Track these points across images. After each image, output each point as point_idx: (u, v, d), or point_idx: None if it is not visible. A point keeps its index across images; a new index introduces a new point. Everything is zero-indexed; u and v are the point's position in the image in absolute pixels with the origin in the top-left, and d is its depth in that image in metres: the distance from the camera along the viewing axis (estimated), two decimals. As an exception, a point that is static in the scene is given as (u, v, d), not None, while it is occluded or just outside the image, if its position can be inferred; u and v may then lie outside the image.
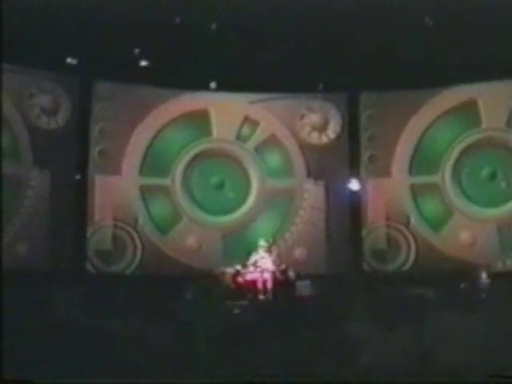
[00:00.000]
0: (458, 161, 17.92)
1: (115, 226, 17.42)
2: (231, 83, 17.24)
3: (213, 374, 5.43)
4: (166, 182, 17.99)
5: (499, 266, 16.71)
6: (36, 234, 16.28)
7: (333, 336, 6.14)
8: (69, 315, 6.05)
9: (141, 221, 17.66)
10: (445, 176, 17.95)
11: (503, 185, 17.44)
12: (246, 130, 18.31)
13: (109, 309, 6.71)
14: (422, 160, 18.09)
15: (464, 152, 17.87)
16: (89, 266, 17.01)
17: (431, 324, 6.15)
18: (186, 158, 18.06)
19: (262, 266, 15.36)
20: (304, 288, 15.01)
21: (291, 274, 15.51)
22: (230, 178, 18.28)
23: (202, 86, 17.59)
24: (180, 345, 5.97)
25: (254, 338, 6.16)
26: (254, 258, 15.56)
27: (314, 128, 18.40)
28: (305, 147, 18.35)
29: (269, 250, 15.78)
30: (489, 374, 5.26)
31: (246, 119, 18.28)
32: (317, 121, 18.38)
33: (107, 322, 5.78)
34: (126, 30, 15.05)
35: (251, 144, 18.34)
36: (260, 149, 18.37)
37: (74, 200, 16.99)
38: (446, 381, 5.38)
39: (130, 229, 17.52)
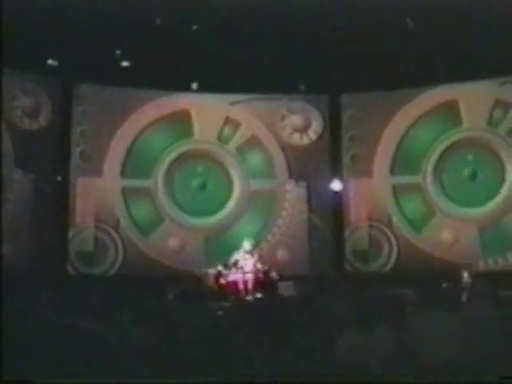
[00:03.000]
0: (439, 161, 17.98)
1: (97, 228, 17.38)
2: (212, 84, 17.24)
3: (196, 374, 5.42)
4: (148, 183, 17.97)
5: (481, 266, 16.79)
6: (18, 235, 16.21)
7: (315, 337, 6.14)
8: (51, 317, 6.01)
9: (122, 223, 17.63)
10: (426, 176, 18.02)
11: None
12: (227, 131, 18.32)
13: (91, 311, 6.68)
14: (404, 160, 18.16)
15: (445, 152, 17.94)
16: (70, 268, 16.97)
17: (413, 324, 6.16)
18: (168, 159, 18.05)
19: (244, 267, 15.37)
20: (286, 289, 15.02)
21: (273, 274, 15.52)
22: (211, 180, 18.29)
23: (184, 87, 17.57)
24: (163, 346, 5.96)
25: (236, 339, 6.15)
26: (236, 258, 15.55)
27: (295, 129, 18.43)
28: (286, 148, 18.38)
29: (251, 251, 15.78)
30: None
31: (228, 120, 18.29)
32: (298, 122, 18.41)
33: (89, 323, 5.75)
34: (107, 32, 15.00)
35: (233, 145, 18.35)
36: (241, 150, 18.39)
37: (55, 202, 16.95)
38: (429, 381, 5.39)
39: (111, 230, 17.50)
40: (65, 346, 4.97)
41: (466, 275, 15.31)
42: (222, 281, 15.36)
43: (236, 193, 18.28)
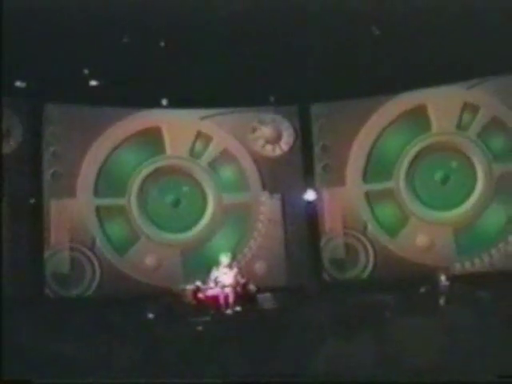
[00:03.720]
0: (411, 166, 18.06)
1: (72, 249, 17.28)
2: (182, 99, 17.23)
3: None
4: (122, 201, 17.90)
5: (457, 269, 16.87)
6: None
7: (296, 347, 6.14)
8: (29, 340, 5.98)
9: (98, 242, 17.54)
10: (399, 182, 18.08)
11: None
12: (199, 146, 18.31)
13: (70, 332, 6.65)
14: (376, 167, 18.22)
15: (416, 157, 18.02)
16: (47, 291, 16.85)
17: (392, 329, 6.18)
18: (141, 176, 18.00)
19: (222, 281, 15.34)
20: (265, 301, 15.02)
21: (252, 287, 15.51)
22: (185, 195, 18.25)
23: (153, 104, 17.54)
24: (144, 363, 5.94)
25: (217, 353, 6.14)
26: (214, 273, 15.52)
27: (267, 141, 18.44)
28: (258, 160, 18.39)
29: (228, 265, 15.76)
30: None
31: (199, 135, 18.28)
32: (269, 133, 18.43)
33: (68, 345, 5.73)
34: (74, 51, 14.94)
35: (205, 160, 18.33)
36: (214, 164, 18.38)
37: (29, 224, 16.82)
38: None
39: (87, 251, 17.40)
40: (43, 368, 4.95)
41: (443, 278, 15.38)
42: (201, 296, 15.32)
43: (210, 207, 18.26)
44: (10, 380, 4.75)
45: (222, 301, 15.06)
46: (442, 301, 13.58)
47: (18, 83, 15.99)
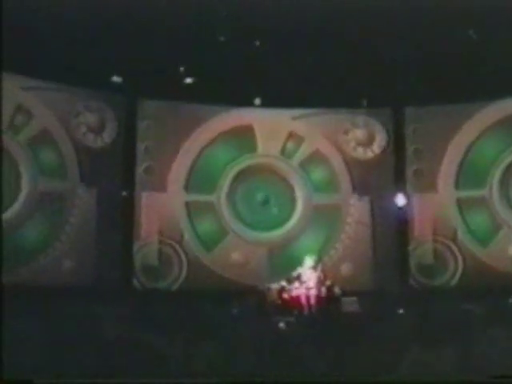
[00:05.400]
0: (505, 174, 17.74)
1: (161, 243, 17.49)
2: (275, 99, 17.27)
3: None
4: (212, 198, 18.03)
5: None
6: (82, 250, 16.42)
7: (379, 352, 6.10)
8: (116, 331, 6.08)
9: (186, 237, 17.71)
10: (492, 189, 17.78)
11: None
12: (290, 146, 18.31)
13: (155, 325, 6.73)
14: (469, 174, 17.94)
15: (511, 165, 17.70)
16: (135, 283, 17.10)
17: (478, 339, 6.08)
18: (231, 174, 18.10)
19: (307, 282, 15.32)
20: (350, 304, 14.92)
21: (337, 290, 15.43)
22: (275, 194, 18.28)
23: (246, 103, 17.63)
24: (224, 360, 5.98)
25: (300, 353, 6.14)
26: (299, 273, 15.51)
27: (358, 143, 18.34)
28: (350, 162, 18.30)
29: (314, 266, 15.72)
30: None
31: (291, 135, 18.28)
32: (362, 136, 18.33)
33: (153, 337, 5.80)
34: (171, 48, 15.15)
35: (296, 160, 18.32)
36: (305, 164, 18.35)
37: (120, 217, 17.10)
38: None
39: (175, 245, 17.59)
40: (123, 360, 5.01)
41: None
42: (286, 296, 15.32)
43: (299, 207, 18.24)
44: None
45: (305, 301, 15.03)
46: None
47: (114, 78, 16.28)
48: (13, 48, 13.07)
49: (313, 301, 15.05)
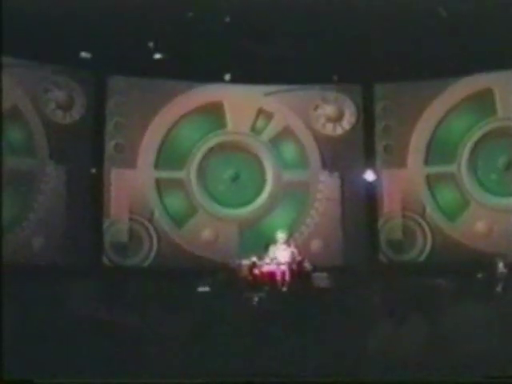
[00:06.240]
0: (473, 150, 17.84)
1: (131, 220, 17.49)
2: (245, 75, 17.24)
3: (229, 367, 5.43)
4: (181, 175, 18.02)
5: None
6: (51, 228, 16.37)
7: (348, 328, 6.13)
8: (85, 309, 6.06)
9: (157, 214, 17.70)
10: (461, 165, 17.89)
11: None
12: (260, 122, 18.32)
13: (125, 302, 6.72)
14: (439, 150, 18.05)
15: (480, 141, 17.80)
16: (105, 260, 17.08)
17: (446, 314, 6.13)
18: (201, 150, 18.09)
19: (278, 257, 15.37)
20: (320, 280, 15.00)
21: (307, 265, 15.50)
22: (245, 171, 18.30)
23: (216, 79, 17.58)
24: (196, 339, 5.98)
25: (271, 330, 6.16)
26: (271, 250, 15.55)
27: (328, 119, 18.38)
28: (319, 138, 18.35)
29: (285, 242, 15.77)
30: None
31: (261, 111, 18.28)
32: (332, 112, 18.37)
33: (123, 315, 5.78)
34: (139, 24, 15.06)
35: (266, 136, 18.34)
36: (275, 141, 18.38)
37: (89, 194, 17.07)
38: (460, 374, 5.36)
39: (145, 222, 17.59)
40: (97, 340, 4.99)
41: (501, 265, 15.21)
42: (257, 272, 15.37)
43: (269, 184, 18.28)
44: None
45: (276, 277, 15.08)
46: (498, 288, 13.43)
47: (83, 54, 16.15)
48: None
49: (283, 276, 15.11)
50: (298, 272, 15.26)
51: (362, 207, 18.14)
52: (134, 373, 5.04)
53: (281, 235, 15.83)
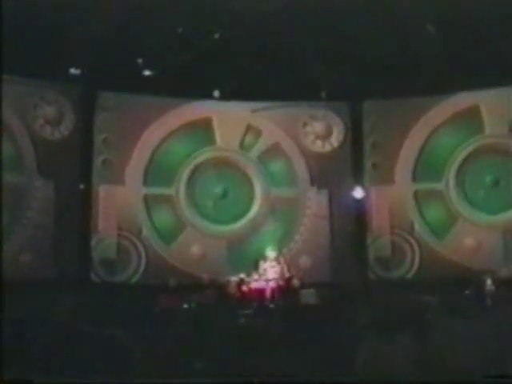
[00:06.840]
0: (461, 167, 17.91)
1: (119, 236, 17.44)
2: (234, 92, 17.26)
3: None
4: (170, 191, 18.00)
5: (504, 273, 16.68)
6: (40, 243, 16.30)
7: (337, 344, 6.14)
8: (72, 325, 6.05)
9: (145, 230, 17.67)
10: (449, 182, 17.95)
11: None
12: (249, 139, 18.34)
13: (113, 318, 6.71)
14: (426, 167, 18.10)
15: (467, 158, 17.86)
16: (93, 276, 17.02)
17: (435, 331, 6.15)
18: (190, 167, 18.08)
19: (266, 274, 15.37)
20: (308, 296, 15.00)
21: (295, 282, 15.51)
22: (233, 187, 18.30)
23: (205, 95, 17.61)
24: (184, 354, 5.98)
25: (258, 346, 6.16)
26: (259, 266, 15.55)
27: (317, 136, 18.41)
28: (308, 155, 18.37)
29: (273, 259, 15.77)
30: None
31: (249, 128, 18.30)
32: (320, 129, 18.40)
33: (111, 331, 5.77)
34: (129, 41, 15.08)
35: (254, 153, 18.36)
36: (263, 157, 18.40)
37: (78, 210, 17.01)
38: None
39: (134, 238, 17.54)
40: (81, 352, 4.99)
41: (489, 282, 15.25)
42: (245, 288, 15.36)
43: (258, 200, 18.28)
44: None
45: (264, 294, 15.08)
46: (486, 304, 13.46)
47: (72, 70, 16.15)
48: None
49: (271, 293, 15.11)
50: (286, 288, 15.27)
51: (351, 224, 18.16)
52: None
53: (269, 252, 15.84)
